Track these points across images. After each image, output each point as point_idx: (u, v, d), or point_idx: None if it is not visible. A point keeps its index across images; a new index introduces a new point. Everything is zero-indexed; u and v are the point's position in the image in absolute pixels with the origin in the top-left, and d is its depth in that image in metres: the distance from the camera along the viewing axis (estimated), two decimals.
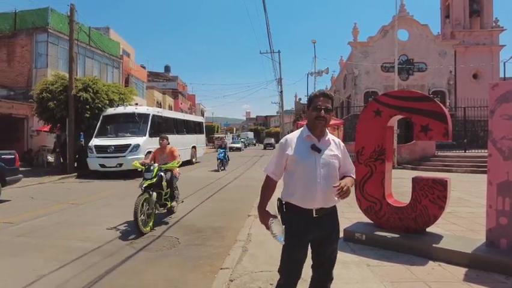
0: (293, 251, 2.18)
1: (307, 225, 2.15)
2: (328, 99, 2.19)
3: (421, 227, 4.30)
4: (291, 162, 2.18)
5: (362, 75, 26.02)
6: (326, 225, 2.20)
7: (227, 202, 7.96)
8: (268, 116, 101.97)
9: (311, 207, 2.13)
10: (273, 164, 2.28)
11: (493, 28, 27.32)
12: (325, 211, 2.17)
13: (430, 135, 4.13)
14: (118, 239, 5.10)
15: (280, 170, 2.26)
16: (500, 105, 3.73)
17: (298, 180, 2.15)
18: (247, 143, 55.68)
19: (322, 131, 2.21)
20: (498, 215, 3.74)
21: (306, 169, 2.13)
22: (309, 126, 2.23)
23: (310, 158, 2.14)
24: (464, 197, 8.17)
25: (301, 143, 2.19)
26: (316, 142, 2.17)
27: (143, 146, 13.11)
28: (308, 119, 2.25)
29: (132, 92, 18.12)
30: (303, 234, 2.15)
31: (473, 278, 3.35)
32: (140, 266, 4.06)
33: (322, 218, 2.16)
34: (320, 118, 2.15)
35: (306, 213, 2.14)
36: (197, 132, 20.17)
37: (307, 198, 2.13)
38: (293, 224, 2.16)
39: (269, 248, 4.39)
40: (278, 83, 34.79)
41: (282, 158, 2.22)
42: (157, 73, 48.18)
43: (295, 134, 2.27)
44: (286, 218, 2.19)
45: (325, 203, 2.16)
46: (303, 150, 2.16)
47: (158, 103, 33.73)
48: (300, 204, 2.14)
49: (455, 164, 14.42)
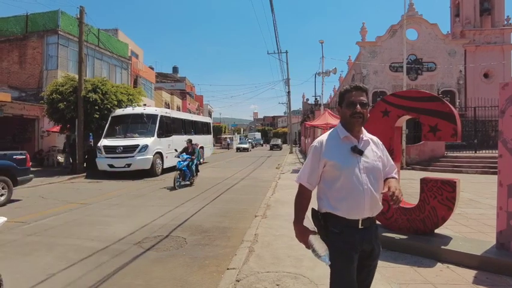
0: (345, 270, 1.89)
1: (354, 237, 1.89)
2: (362, 92, 1.94)
3: (430, 228, 4.25)
4: (331, 169, 1.91)
5: (370, 75, 25.84)
6: (371, 236, 1.94)
7: (234, 203, 7.98)
8: (275, 116, 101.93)
9: (357, 218, 1.89)
10: (306, 171, 2.00)
11: (504, 26, 26.87)
12: (370, 221, 1.93)
13: (439, 136, 4.09)
14: (126, 239, 5.14)
15: (315, 178, 1.98)
16: (511, 105, 3.67)
17: (342, 189, 1.89)
18: (255, 143, 55.71)
19: (360, 130, 1.96)
20: (509, 217, 3.68)
21: (350, 176, 1.87)
22: (344, 125, 1.97)
23: (352, 162, 1.88)
24: (475, 198, 8.05)
25: (338, 145, 1.92)
26: (356, 143, 1.92)
27: (152, 146, 13.21)
28: (342, 117, 1.99)
29: (140, 93, 18.28)
30: (352, 247, 1.89)
31: (482, 281, 3.30)
32: (147, 265, 4.10)
33: (367, 228, 1.92)
34: (356, 115, 1.89)
35: (351, 225, 1.89)
36: (205, 133, 20.25)
37: (355, 208, 1.88)
38: (339, 237, 1.89)
39: (276, 249, 4.39)
40: (285, 84, 34.76)
41: (317, 165, 1.95)
42: (165, 74, 48.53)
43: (330, 135, 2.00)
44: (329, 231, 1.93)
45: (372, 212, 1.92)
46: (342, 154, 1.90)
47: (166, 104, 33.97)
48: (346, 216, 1.89)
49: (465, 165, 14.21)
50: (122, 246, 4.79)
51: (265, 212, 6.57)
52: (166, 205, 7.61)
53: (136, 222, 6.07)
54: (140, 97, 17.94)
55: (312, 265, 3.76)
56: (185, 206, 7.51)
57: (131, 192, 9.69)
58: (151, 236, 5.29)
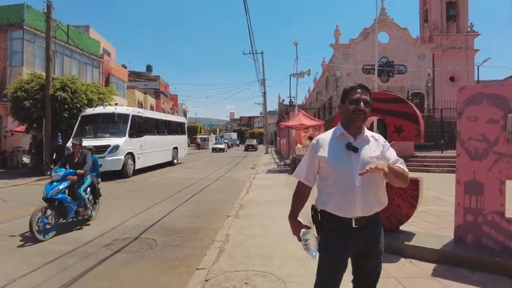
0: (330, 267, 1.93)
1: (346, 236, 1.89)
2: (366, 92, 1.95)
3: (395, 225, 4.41)
4: (324, 165, 1.93)
5: (344, 77, 26.42)
6: (368, 236, 1.92)
7: (207, 203, 7.94)
8: (252, 116, 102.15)
9: (350, 216, 1.87)
10: (304, 168, 2.04)
11: (468, 33, 28.25)
12: (366, 220, 1.89)
13: (403, 136, 4.26)
14: (94, 241, 5.01)
15: (313, 175, 2.01)
16: (467, 108, 3.88)
17: (333, 186, 1.90)
18: (231, 143, 55.61)
19: (359, 128, 1.94)
20: (465, 213, 3.89)
21: (342, 173, 1.87)
22: (343, 123, 1.98)
23: (346, 159, 1.88)
24: (439, 196, 8.41)
25: (334, 142, 1.94)
26: (352, 140, 1.92)
27: (123, 146, 12.92)
28: (343, 114, 1.99)
29: (112, 92, 17.84)
30: (341, 247, 1.90)
31: (440, 273, 3.47)
32: (115, 267, 4.02)
33: (363, 228, 1.89)
34: (358, 111, 1.89)
35: (344, 223, 1.88)
36: (179, 133, 19.99)
37: (345, 206, 1.87)
38: (330, 235, 1.91)
39: (247, 248, 4.43)
40: (261, 84, 34.90)
41: (314, 161, 1.98)
42: (138, 73, 47.49)
43: (328, 133, 2.03)
44: (322, 228, 1.95)
45: (366, 211, 1.88)
46: (337, 151, 1.91)
47: (139, 103, 33.28)
48: (337, 213, 1.89)
49: (432, 165, 14.83)
50: (90, 249, 4.67)
51: (238, 212, 6.59)
52: (137, 206, 7.47)
53: (105, 224, 5.92)
54: (112, 96, 17.51)
55: (281, 263, 3.82)
56: (158, 207, 7.40)
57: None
58: (120, 238, 5.18)
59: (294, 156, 14.80)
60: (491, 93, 3.74)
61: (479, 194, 3.80)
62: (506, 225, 3.66)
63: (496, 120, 3.72)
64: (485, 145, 3.77)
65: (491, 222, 3.73)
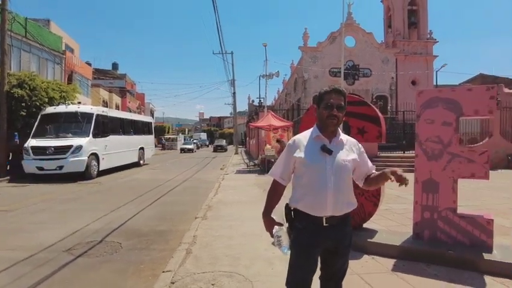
0: (301, 263, 1.99)
1: (317, 234, 1.96)
2: (341, 96, 1.99)
3: (358, 223, 4.58)
4: (299, 165, 2.00)
5: (311, 79, 26.98)
6: (338, 235, 1.99)
7: (174, 205, 7.82)
8: (222, 117, 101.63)
9: (321, 215, 1.94)
10: (280, 166, 2.09)
11: (427, 39, 29.82)
12: (336, 219, 1.97)
13: (366, 138, 4.43)
14: (54, 247, 4.78)
15: (288, 174, 2.08)
16: (424, 111, 4.11)
17: (306, 185, 1.97)
18: (200, 144, 54.99)
19: (334, 131, 2.01)
20: (423, 210, 4.11)
21: (316, 173, 1.94)
22: (319, 125, 2.05)
23: (320, 160, 1.95)
24: (401, 195, 8.78)
25: (311, 144, 2.00)
26: (327, 143, 1.98)
27: (87, 147, 12.43)
28: (318, 118, 2.05)
29: (75, 90, 17.10)
30: (312, 244, 1.97)
31: (400, 268, 3.65)
32: (77, 273, 3.86)
33: (333, 227, 1.96)
34: (331, 117, 1.95)
35: (315, 222, 1.95)
36: (145, 133, 19.51)
37: (317, 205, 1.94)
38: (301, 232, 1.98)
39: (214, 249, 4.41)
40: (231, 84, 34.87)
41: (289, 160, 2.04)
42: (103, 70, 45.77)
43: (304, 134, 2.09)
44: (294, 226, 2.02)
45: (336, 211, 1.95)
46: (312, 152, 1.97)
47: (104, 102, 32.14)
48: (309, 212, 1.96)
49: (395, 164, 15.46)
50: (49, 255, 4.45)
51: (206, 213, 6.55)
52: (101, 209, 7.21)
53: (66, 228, 5.67)
54: (75, 94, 16.80)
55: (248, 263, 3.84)
56: (122, 210, 7.19)
57: (62, 196, 9.02)
58: (83, 242, 4.99)
59: (263, 156, 14.92)
60: (445, 98, 3.99)
61: (435, 192, 4.03)
62: (457, 221, 3.91)
63: (450, 122, 3.96)
64: (440, 146, 4.01)
65: (445, 218, 3.97)
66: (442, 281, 3.31)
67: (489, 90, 3.82)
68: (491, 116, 3.88)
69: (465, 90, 4.01)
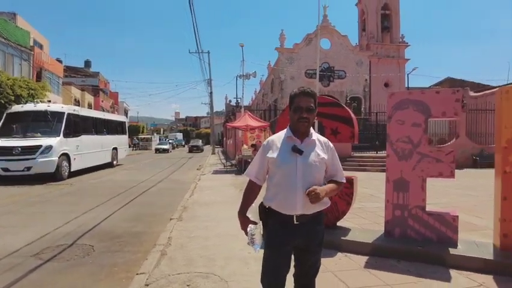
0: (273, 260, 2.03)
1: (288, 232, 2.00)
2: (310, 98, 2.03)
3: (332, 222, 4.67)
4: (272, 166, 2.04)
5: (288, 80, 27.25)
6: (309, 233, 2.03)
7: (149, 206, 7.68)
8: (198, 116, 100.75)
9: (292, 214, 1.98)
10: (255, 167, 2.13)
11: (400, 43, 30.81)
12: (307, 218, 2.00)
13: (339, 138, 4.53)
14: (20, 251, 4.58)
15: (263, 174, 2.12)
16: (395, 112, 4.25)
17: (277, 185, 2.02)
18: (176, 144, 54.21)
19: (306, 132, 2.05)
20: (394, 208, 4.25)
21: (286, 173, 1.98)
22: (291, 127, 2.09)
23: (291, 161, 1.98)
24: (374, 193, 9.05)
25: (283, 144, 2.04)
26: (298, 143, 2.01)
27: (57, 147, 11.97)
28: (290, 120, 2.09)
29: (44, 88, 16.49)
30: (284, 241, 2.01)
31: (372, 265, 3.76)
32: (46, 278, 3.72)
33: (304, 225, 2.00)
34: (301, 119, 1.99)
35: (287, 220, 1.99)
36: (119, 133, 19.02)
37: (287, 204, 1.98)
38: (274, 230, 2.03)
39: (189, 250, 4.38)
40: (208, 84, 34.61)
41: (263, 161, 2.09)
42: (75, 68, 44.26)
43: (279, 135, 2.13)
44: (267, 223, 2.07)
45: (306, 210, 1.98)
46: (283, 152, 2.01)
47: (76, 101, 31.10)
48: (280, 210, 2.00)
49: (368, 164, 15.90)
50: (15, 260, 4.25)
51: (182, 214, 6.48)
52: (72, 211, 6.98)
53: (34, 232, 5.44)
54: (45, 92, 16.20)
55: (224, 264, 3.84)
56: (95, 212, 6.99)
57: (30, 199, 8.65)
58: (52, 245, 4.80)
59: (241, 156, 14.92)
60: (414, 100, 4.14)
61: (405, 191, 4.18)
62: (426, 218, 4.07)
63: (419, 123, 4.12)
64: (410, 146, 4.16)
65: (415, 216, 4.13)
66: (412, 276, 3.44)
67: (455, 94, 4.01)
68: (457, 117, 4.06)
69: (433, 93, 4.18)
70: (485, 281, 3.33)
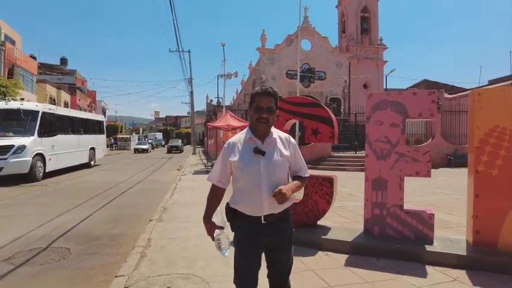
0: (244, 261, 2.03)
1: (257, 233, 2.00)
2: (271, 98, 2.00)
3: (313, 220, 4.72)
4: (235, 169, 2.01)
5: (269, 80, 27.35)
6: (277, 232, 2.03)
7: (128, 207, 7.52)
8: (179, 116, 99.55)
9: (259, 215, 1.98)
10: (217, 171, 2.09)
11: (378, 45, 31.49)
12: (275, 217, 2.01)
13: (319, 138, 4.58)
14: None
15: (226, 177, 2.09)
16: (374, 113, 4.34)
17: (243, 188, 2.00)
18: (156, 144, 53.37)
19: (266, 132, 2.03)
20: (373, 207, 4.34)
21: (250, 175, 1.97)
22: (251, 127, 2.05)
23: (254, 162, 1.96)
24: (353, 192, 9.21)
25: (244, 146, 2.01)
26: (259, 144, 1.99)
27: (31, 147, 11.54)
28: (250, 119, 2.07)
29: (17, 85, 15.94)
30: (253, 242, 2.01)
31: (352, 263, 3.83)
32: (18, 284, 3.57)
33: (272, 224, 2.00)
34: (261, 119, 1.97)
35: (254, 221, 1.99)
36: (96, 132, 18.54)
37: (254, 205, 1.97)
38: (242, 231, 2.02)
39: (169, 251, 4.32)
40: (188, 83, 34.25)
41: (225, 164, 2.05)
42: (51, 65, 42.86)
43: (239, 137, 2.09)
44: (235, 225, 2.06)
45: (274, 209, 1.98)
46: (246, 154, 1.98)
47: (51, 99, 30.11)
48: (247, 212, 1.99)
49: (347, 164, 16.18)
50: None
51: (162, 215, 6.38)
52: (47, 213, 6.75)
53: (5, 236, 5.22)
54: (17, 90, 15.64)
55: (205, 264, 3.81)
56: (71, 214, 6.78)
57: (1, 201, 8.28)
58: (25, 249, 4.62)
59: None
60: (392, 101, 4.24)
61: (384, 189, 4.28)
62: (404, 216, 4.18)
63: (397, 124, 4.22)
64: (388, 146, 4.26)
65: (393, 214, 4.23)
66: (390, 273, 3.52)
67: (431, 95, 4.13)
68: (432, 118, 4.19)
69: (410, 94, 4.30)
70: (459, 275, 3.46)
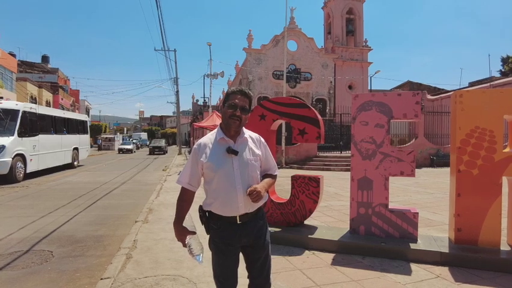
0: (222, 262, 2.02)
1: (233, 233, 1.99)
2: (246, 98, 2.02)
3: (300, 220, 4.75)
4: (207, 171, 1.98)
5: (256, 80, 27.37)
6: (253, 230, 2.03)
7: (113, 209, 7.40)
8: (164, 116, 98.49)
9: (234, 215, 1.98)
10: (187, 173, 2.05)
11: (363, 47, 31.93)
12: (250, 216, 2.02)
13: (306, 138, 4.62)
14: None
15: (197, 179, 2.05)
16: (359, 113, 4.40)
17: (217, 189, 1.98)
18: (140, 144, 52.65)
19: (237, 131, 2.02)
20: (358, 206, 4.40)
21: (224, 176, 1.95)
22: (222, 126, 2.04)
23: (227, 163, 1.96)
24: (339, 192, 9.31)
25: (215, 147, 1.99)
26: (231, 144, 1.99)
27: (10, 147, 11.21)
28: (222, 117, 2.04)
29: None
30: (229, 242, 2.00)
31: (338, 262, 3.87)
32: None
33: (247, 223, 2.01)
34: (234, 117, 1.96)
35: (230, 221, 1.99)
36: (80, 132, 18.16)
37: (228, 206, 1.96)
38: (218, 233, 2.01)
39: (156, 253, 4.27)
40: (174, 83, 33.93)
41: (196, 166, 2.01)
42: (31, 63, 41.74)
43: (209, 137, 2.06)
44: (210, 226, 2.03)
45: (248, 208, 2.00)
46: (218, 155, 1.97)
47: (32, 98, 29.31)
48: (222, 213, 1.98)
49: (333, 164, 16.34)
50: None
51: (147, 216, 6.31)
52: (28, 215, 6.58)
53: None
54: None
55: (192, 265, 3.78)
56: (54, 215, 6.63)
57: None
58: (5, 253, 4.49)
59: None
60: (377, 101, 4.31)
61: (369, 189, 4.34)
62: (389, 215, 4.25)
63: (382, 124, 4.30)
64: (373, 146, 4.32)
65: (378, 213, 4.30)
66: (376, 271, 3.58)
67: (415, 96, 4.22)
68: (417, 119, 4.28)
69: (395, 95, 4.37)
70: (441, 272, 3.55)
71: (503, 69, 34.25)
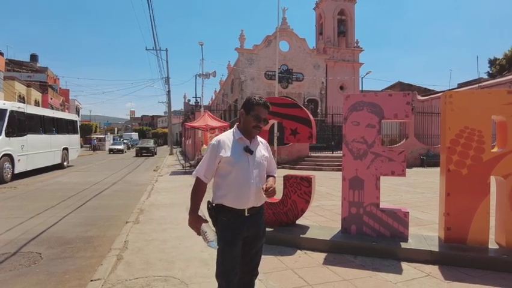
0: (230, 252, 2.18)
1: (241, 224, 2.19)
2: (267, 110, 2.28)
3: (292, 220, 4.76)
4: (225, 164, 2.19)
5: (248, 80, 27.36)
6: (256, 223, 2.27)
7: (103, 209, 7.31)
8: (155, 116, 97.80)
9: (244, 207, 2.19)
10: (204, 166, 2.25)
11: (355, 48, 32.16)
12: (256, 210, 2.26)
13: (298, 138, 4.63)
14: None
15: (212, 173, 2.25)
16: (351, 114, 4.43)
17: (232, 182, 2.18)
18: (131, 144, 52.19)
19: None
20: (350, 206, 4.43)
21: (241, 171, 2.18)
22: (241, 129, 2.27)
23: (244, 159, 2.20)
24: (330, 192, 9.36)
25: (235, 144, 2.23)
26: (248, 144, 2.24)
27: None
28: (244, 122, 2.26)
29: None
30: (237, 234, 2.18)
31: (330, 261, 3.89)
32: None
33: (253, 216, 2.23)
34: (257, 128, 2.23)
35: (238, 213, 2.19)
36: (69, 132, 17.93)
37: (241, 199, 2.18)
38: (227, 225, 2.18)
39: (147, 254, 4.24)
40: (165, 82, 33.74)
41: (214, 160, 2.21)
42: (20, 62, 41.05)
43: (227, 136, 2.29)
44: (219, 220, 2.21)
45: (256, 202, 2.24)
46: (237, 152, 2.20)
47: (21, 97, 28.85)
48: (234, 206, 2.18)
49: (324, 164, 16.42)
50: None
51: (138, 217, 6.25)
52: (16, 217, 6.47)
53: None
54: None
55: (183, 266, 3.76)
56: (43, 217, 6.53)
57: None
58: None
59: (200, 157, 14.71)
60: (369, 102, 4.34)
61: (361, 188, 4.37)
62: (380, 215, 4.29)
63: (373, 125, 4.33)
64: (365, 146, 4.35)
65: (369, 213, 4.33)
66: (368, 271, 3.60)
67: (405, 97, 4.26)
68: (407, 119, 4.32)
69: (386, 96, 4.41)
70: (431, 270, 3.59)
71: (490, 71, 34.88)
